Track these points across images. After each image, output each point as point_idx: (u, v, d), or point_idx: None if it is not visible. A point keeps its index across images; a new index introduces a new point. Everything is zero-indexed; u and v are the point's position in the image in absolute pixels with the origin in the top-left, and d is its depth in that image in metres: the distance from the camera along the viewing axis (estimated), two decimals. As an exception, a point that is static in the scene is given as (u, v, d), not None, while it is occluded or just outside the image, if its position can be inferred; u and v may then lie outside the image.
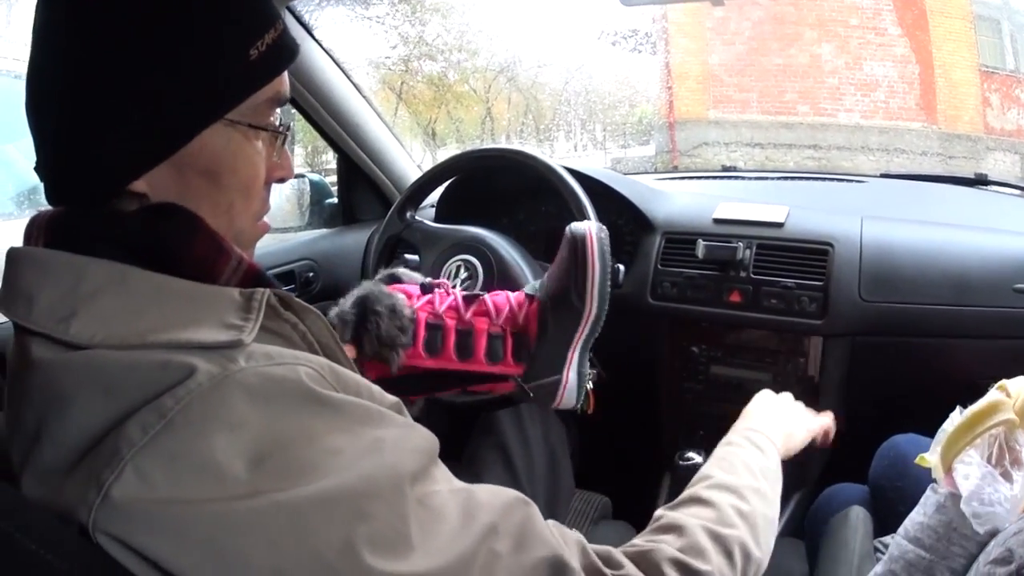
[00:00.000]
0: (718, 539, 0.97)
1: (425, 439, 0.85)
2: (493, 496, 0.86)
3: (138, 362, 0.74)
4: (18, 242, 0.88)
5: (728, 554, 0.97)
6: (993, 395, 1.23)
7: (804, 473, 2.03)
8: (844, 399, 1.96)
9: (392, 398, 0.88)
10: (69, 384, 0.75)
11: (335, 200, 2.76)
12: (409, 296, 1.36)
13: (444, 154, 2.68)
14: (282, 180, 1.00)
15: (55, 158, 0.87)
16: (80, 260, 0.81)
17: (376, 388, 0.87)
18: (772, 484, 1.16)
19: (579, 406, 1.42)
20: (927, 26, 9.72)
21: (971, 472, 1.11)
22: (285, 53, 0.93)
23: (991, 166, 9.29)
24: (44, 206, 0.91)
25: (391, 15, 8.16)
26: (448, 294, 1.38)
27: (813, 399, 1.93)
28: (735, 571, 0.97)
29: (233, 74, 0.88)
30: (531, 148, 1.83)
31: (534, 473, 1.75)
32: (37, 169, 0.90)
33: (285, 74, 0.94)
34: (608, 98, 10.60)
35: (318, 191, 2.70)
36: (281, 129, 0.97)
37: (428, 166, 2.16)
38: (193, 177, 0.88)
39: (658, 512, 1.04)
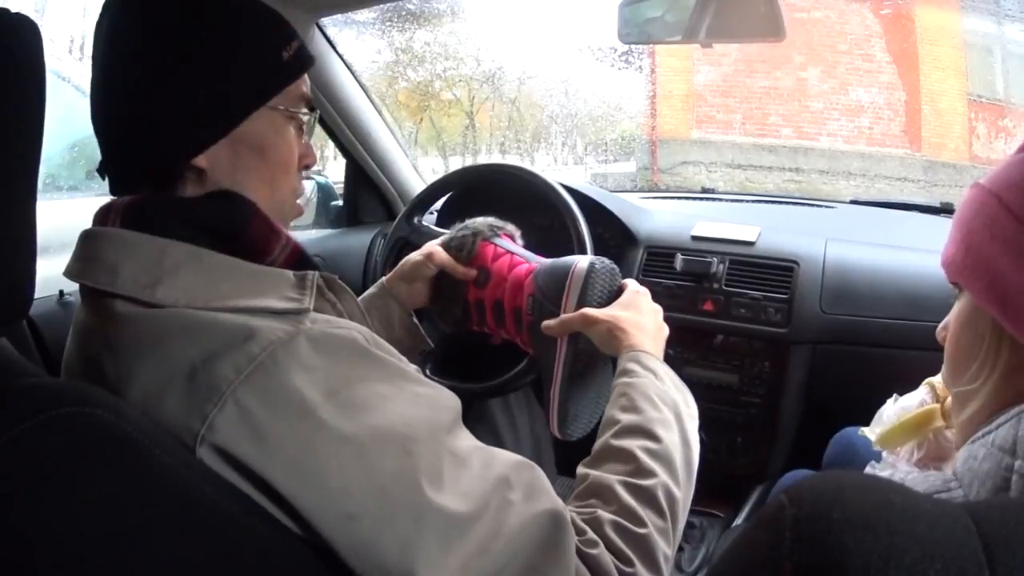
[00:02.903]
0: (641, 493, 1.11)
1: (452, 399, 1.05)
2: (507, 455, 1.03)
3: (221, 319, 0.93)
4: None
5: (656, 506, 1.10)
6: (923, 392, 1.48)
7: (766, 466, 2.26)
8: (805, 399, 2.20)
9: (413, 365, 1.10)
10: (155, 332, 0.93)
11: (340, 203, 2.97)
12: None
13: (425, 162, 2.89)
14: (308, 167, 1.22)
15: (126, 143, 1.06)
16: (160, 241, 0.99)
17: (402, 356, 1.09)
18: (671, 408, 1.27)
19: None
20: (916, 54, 9.73)
21: (893, 472, 1.35)
22: (306, 57, 1.17)
23: None
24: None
25: (379, 21, 8.27)
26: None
27: (777, 399, 2.20)
28: (666, 520, 1.11)
29: (273, 69, 1.12)
30: (530, 166, 2.05)
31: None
32: (101, 168, 1.11)
33: (306, 78, 1.18)
34: (591, 113, 10.64)
35: (325, 193, 2.92)
36: (312, 116, 1.22)
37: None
38: (244, 152, 1.09)
39: (581, 470, 1.18)
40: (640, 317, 1.44)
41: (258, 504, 0.90)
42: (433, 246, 1.66)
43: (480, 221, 1.69)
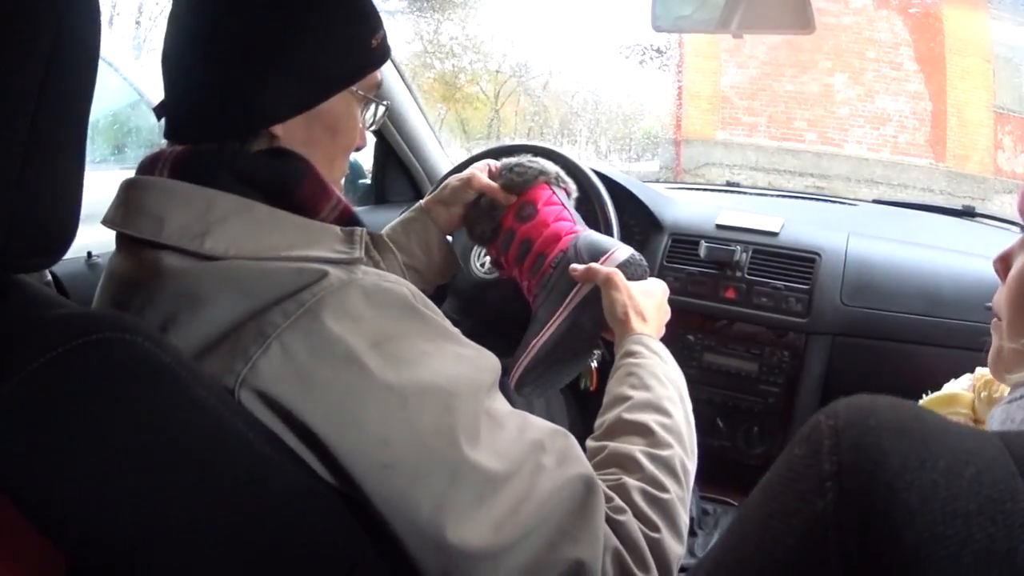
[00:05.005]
0: (662, 462, 1.14)
1: (493, 361, 1.08)
2: (542, 422, 1.07)
3: (274, 268, 0.96)
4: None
5: (675, 475, 1.14)
6: (953, 385, 1.48)
7: (781, 456, 2.26)
8: (822, 390, 2.21)
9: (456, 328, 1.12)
10: (205, 287, 0.95)
11: (368, 180, 3.02)
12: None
13: (448, 152, 2.94)
14: (358, 149, 1.27)
15: (211, 102, 1.08)
16: (209, 191, 1.01)
17: (445, 317, 1.11)
18: (676, 388, 1.31)
19: (583, 383, 1.65)
20: (944, 64, 9.60)
21: None
22: (388, 48, 1.24)
23: (998, 208, 8.86)
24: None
25: (408, 10, 8.29)
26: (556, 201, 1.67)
27: (794, 389, 2.22)
28: (683, 489, 1.15)
29: (363, 55, 1.17)
30: (561, 147, 2.06)
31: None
32: (163, 107, 1.13)
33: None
34: (616, 110, 10.61)
35: (353, 171, 2.95)
36: (386, 104, 1.29)
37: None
38: (318, 129, 1.14)
39: (593, 443, 1.21)
40: (653, 309, 1.47)
41: (293, 449, 0.92)
42: (474, 171, 1.68)
43: (550, 164, 1.70)
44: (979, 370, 1.40)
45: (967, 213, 2.64)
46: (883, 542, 0.46)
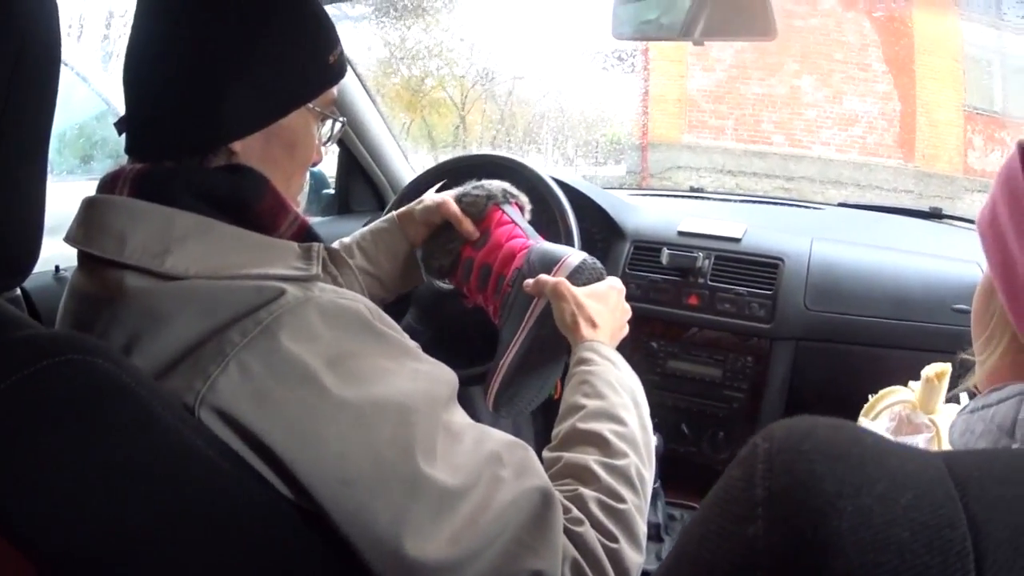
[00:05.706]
0: (618, 472, 1.15)
1: (450, 375, 1.10)
2: (501, 434, 1.09)
3: (233, 287, 0.97)
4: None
5: (631, 484, 1.15)
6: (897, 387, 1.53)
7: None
8: (787, 395, 2.24)
9: (413, 342, 1.13)
10: (167, 306, 0.96)
11: (331, 191, 3.02)
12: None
13: (414, 159, 2.96)
14: (315, 164, 1.29)
15: (171, 119, 1.09)
16: (168, 210, 1.02)
17: (403, 331, 1.12)
18: (630, 394, 1.32)
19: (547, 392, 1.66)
20: (913, 64, 9.62)
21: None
22: (345, 64, 1.26)
23: (968, 207, 8.85)
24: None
25: (373, 16, 8.27)
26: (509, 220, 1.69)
27: (759, 394, 2.25)
28: (640, 498, 1.16)
29: (320, 72, 1.20)
30: (523, 157, 2.08)
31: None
32: (125, 123, 1.13)
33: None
34: (583, 115, 10.64)
35: (317, 181, 2.96)
36: (343, 120, 1.31)
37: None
38: (276, 145, 1.15)
39: (548, 454, 1.22)
40: (605, 312, 1.47)
41: (253, 467, 0.93)
42: (446, 196, 1.69)
43: (496, 185, 1.72)
44: (912, 383, 1.47)
45: (934, 215, 2.67)
46: (812, 571, 0.46)
